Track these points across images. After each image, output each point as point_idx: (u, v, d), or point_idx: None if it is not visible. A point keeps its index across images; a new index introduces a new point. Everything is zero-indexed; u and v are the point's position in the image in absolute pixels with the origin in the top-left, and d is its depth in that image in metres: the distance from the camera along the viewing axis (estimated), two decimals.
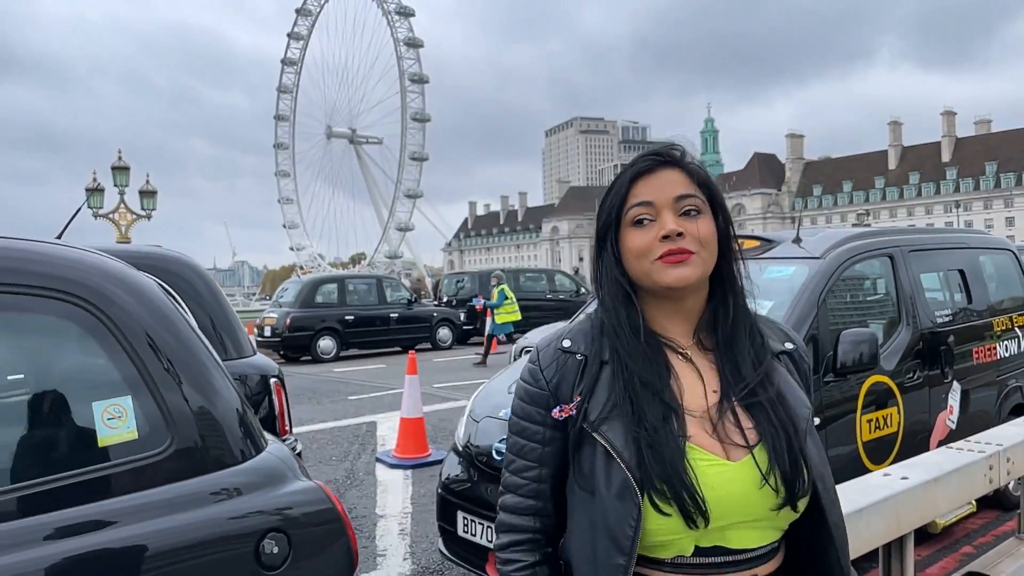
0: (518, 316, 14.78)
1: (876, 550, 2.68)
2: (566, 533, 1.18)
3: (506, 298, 14.61)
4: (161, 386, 2.07)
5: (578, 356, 1.15)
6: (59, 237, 2.49)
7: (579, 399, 1.12)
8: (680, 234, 1.10)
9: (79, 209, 2.54)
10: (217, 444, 2.17)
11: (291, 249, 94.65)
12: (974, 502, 4.51)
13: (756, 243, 4.64)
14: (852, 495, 2.60)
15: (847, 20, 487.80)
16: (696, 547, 1.08)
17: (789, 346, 1.23)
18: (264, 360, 4.45)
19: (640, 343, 1.12)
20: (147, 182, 18.93)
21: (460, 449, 4.04)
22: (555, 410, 1.14)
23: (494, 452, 3.72)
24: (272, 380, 4.26)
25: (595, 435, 1.09)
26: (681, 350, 1.15)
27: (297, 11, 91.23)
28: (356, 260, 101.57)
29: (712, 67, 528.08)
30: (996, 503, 5.02)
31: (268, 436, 2.48)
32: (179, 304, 2.33)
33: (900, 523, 2.62)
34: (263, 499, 2.19)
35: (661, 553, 1.08)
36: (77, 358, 2.10)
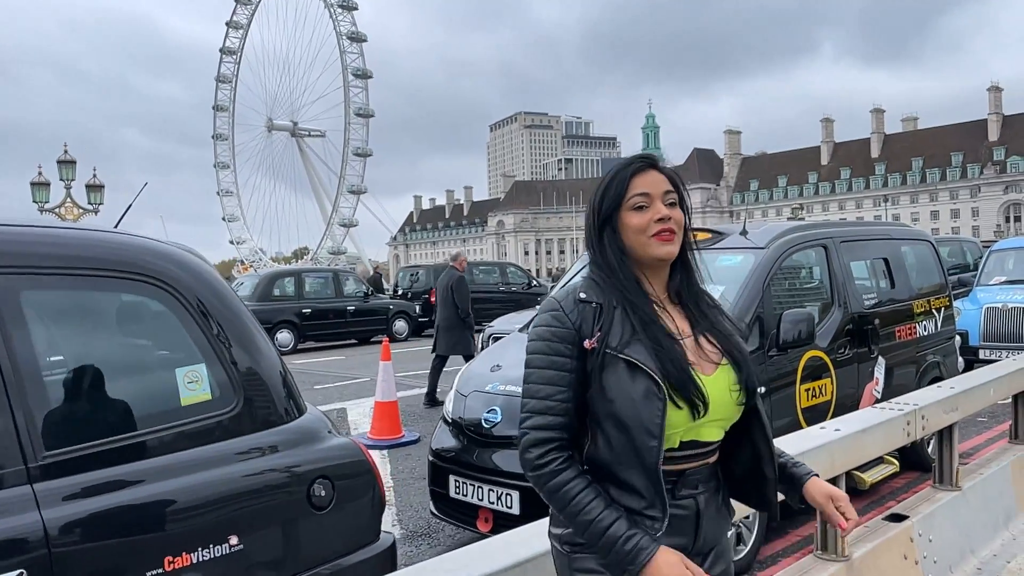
0: None
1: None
2: (591, 441, 1.51)
3: None
4: (225, 354, 2.45)
5: (593, 304, 1.52)
6: (116, 227, 2.83)
7: (599, 334, 1.48)
8: (669, 217, 1.53)
9: (131, 204, 2.87)
10: (269, 404, 2.58)
11: (231, 243, 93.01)
12: (897, 462, 5.17)
13: (708, 235, 5.19)
14: (795, 442, 3.12)
15: (795, 13, 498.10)
16: (680, 441, 1.49)
17: (717, 300, 1.69)
18: None
19: (643, 293, 1.54)
20: (94, 176, 18.71)
21: (450, 421, 4.47)
22: (586, 341, 1.49)
23: (483, 421, 4.17)
24: None
25: (621, 355, 1.46)
26: (658, 301, 1.57)
27: (236, 0, 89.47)
28: (299, 255, 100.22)
29: (660, 60, 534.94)
30: (918, 465, 5.68)
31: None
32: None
33: (834, 465, 3.15)
34: (311, 451, 2.61)
35: None
36: (160, 330, 2.47)
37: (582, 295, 1.54)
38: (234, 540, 2.28)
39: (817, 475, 1.66)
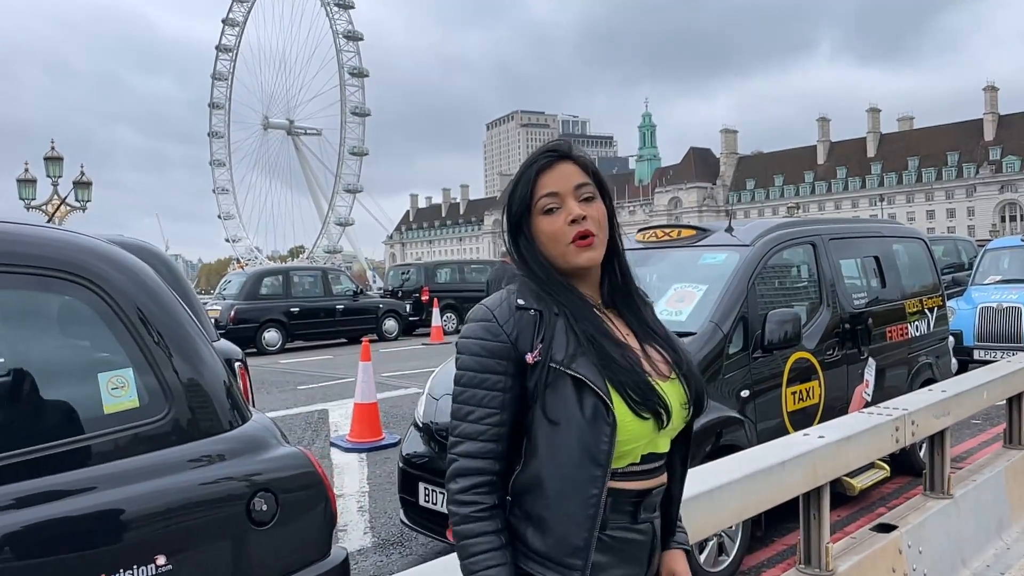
0: None
1: (797, 503, 3.04)
2: (522, 466, 1.34)
3: None
4: (157, 359, 2.26)
5: (532, 312, 1.33)
6: (48, 222, 2.63)
7: (541, 345, 1.31)
8: (584, 217, 1.33)
9: (64, 198, 2.69)
10: (208, 412, 2.39)
11: (227, 241, 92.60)
12: (887, 467, 4.99)
13: (692, 232, 5.00)
14: (777, 450, 2.95)
15: (793, 11, 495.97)
16: (641, 455, 1.33)
17: (651, 301, 1.52)
18: (228, 345, 4.62)
19: (582, 301, 1.36)
20: (82, 173, 18.38)
21: (421, 425, 4.29)
22: (528, 355, 1.31)
23: None
24: (236, 363, 4.44)
25: (568, 371, 1.28)
26: (597, 307, 1.39)
27: None
28: (295, 253, 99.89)
29: (657, 58, 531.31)
30: (909, 469, 5.51)
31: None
32: (179, 282, 2.52)
33: (817, 475, 2.98)
34: (253, 462, 2.42)
35: (617, 464, 1.31)
36: (85, 333, 2.28)
37: (520, 301, 1.34)
38: (161, 560, 2.09)
39: (687, 550, 1.50)
